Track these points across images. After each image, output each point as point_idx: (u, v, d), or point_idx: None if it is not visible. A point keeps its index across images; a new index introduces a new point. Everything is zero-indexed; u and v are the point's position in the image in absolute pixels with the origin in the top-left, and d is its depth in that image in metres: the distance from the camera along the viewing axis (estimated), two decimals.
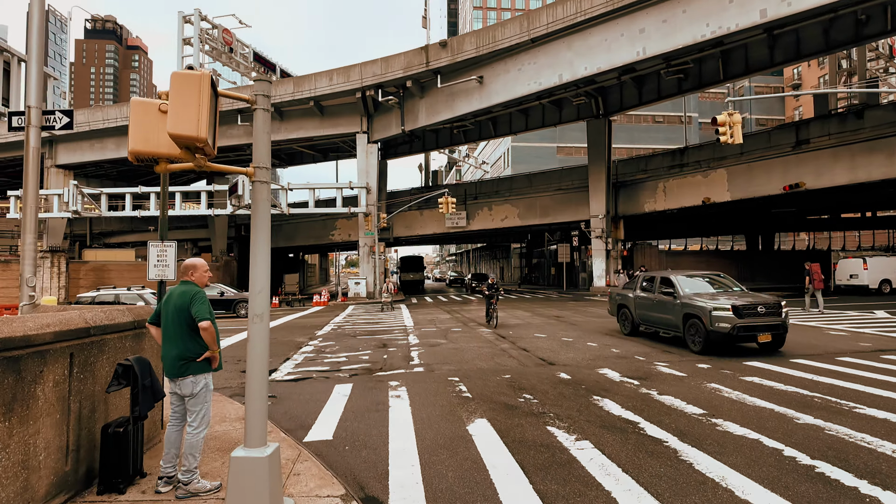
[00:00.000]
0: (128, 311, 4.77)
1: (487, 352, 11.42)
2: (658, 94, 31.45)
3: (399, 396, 7.56)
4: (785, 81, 70.35)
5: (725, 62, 28.37)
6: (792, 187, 27.74)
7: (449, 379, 8.69)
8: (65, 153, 36.56)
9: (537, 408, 6.73)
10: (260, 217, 3.52)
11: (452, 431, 5.85)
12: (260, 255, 3.50)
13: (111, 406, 4.39)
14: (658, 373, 8.77)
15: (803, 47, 25.98)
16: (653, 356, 10.39)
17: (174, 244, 5.81)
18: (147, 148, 3.32)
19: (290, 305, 31.14)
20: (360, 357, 11.16)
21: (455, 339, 13.73)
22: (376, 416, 6.60)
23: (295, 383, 8.72)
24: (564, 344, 12.22)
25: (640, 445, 5.22)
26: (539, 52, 26.23)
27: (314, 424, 6.33)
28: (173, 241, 5.89)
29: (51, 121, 6.70)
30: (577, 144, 62.64)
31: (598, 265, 33.21)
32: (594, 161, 33.85)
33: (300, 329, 17.12)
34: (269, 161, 3.55)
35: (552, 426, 5.93)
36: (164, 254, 5.82)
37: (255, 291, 3.47)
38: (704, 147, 32.27)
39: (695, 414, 6.28)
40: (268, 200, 3.54)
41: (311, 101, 31.97)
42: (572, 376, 8.63)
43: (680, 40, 22.49)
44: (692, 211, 34.82)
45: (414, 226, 40.18)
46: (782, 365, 9.14)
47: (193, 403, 3.93)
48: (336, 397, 7.63)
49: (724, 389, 7.45)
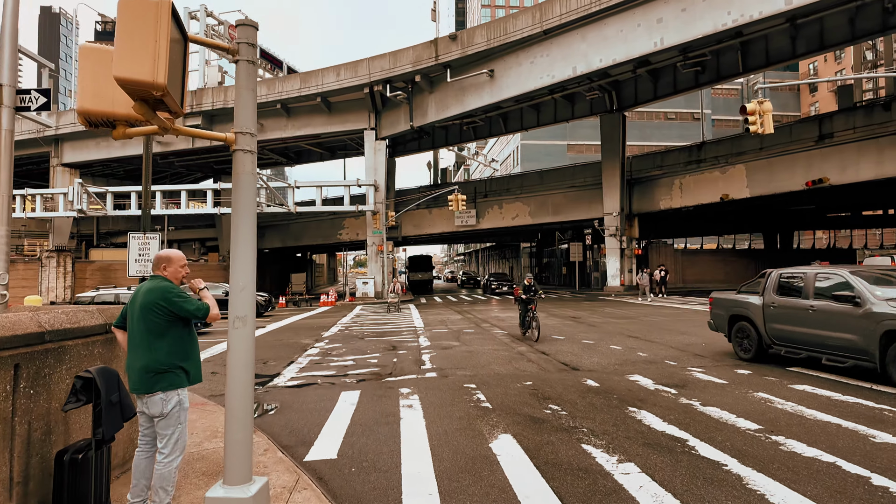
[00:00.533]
0: (98, 312, 4.08)
1: (504, 355, 10.68)
2: (674, 87, 30.54)
3: (411, 406, 6.84)
4: (800, 77, 68.87)
5: (745, 54, 27.42)
6: (815, 183, 26.73)
7: (465, 386, 7.96)
8: (70, 152, 36.26)
9: (567, 421, 5.97)
10: (243, 196, 2.80)
11: (474, 450, 5.12)
12: (243, 244, 2.79)
13: (73, 427, 3.70)
14: (695, 380, 7.98)
15: (827, 37, 24.98)
16: (684, 360, 9.59)
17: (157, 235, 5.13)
18: (100, 107, 2.61)
19: (296, 305, 30.58)
20: (369, 360, 10.46)
21: (468, 341, 12.99)
22: (386, 429, 5.88)
23: (298, 389, 8.03)
24: (586, 347, 11.45)
25: (694, 469, 4.46)
26: (552, 45, 25.42)
27: (317, 440, 5.62)
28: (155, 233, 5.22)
29: (26, 101, 6.03)
30: (588, 142, 61.65)
31: (613, 264, 32.34)
32: (608, 157, 32.97)
33: (306, 330, 16.47)
34: (254, 125, 2.83)
35: (588, 444, 5.18)
36: (146, 247, 5.12)
37: (236, 288, 2.76)
38: (722, 142, 31.32)
39: (749, 430, 5.49)
40: (253, 175, 2.82)
41: (318, 97, 31.37)
42: (601, 384, 7.87)
43: (699, 29, 21.61)
44: (708, 209, 33.86)
45: (422, 224, 39.49)
46: (829, 371, 8.32)
47: (164, 425, 3.23)
48: (342, 406, 6.93)
49: (776, 400, 6.66)
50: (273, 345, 13.19)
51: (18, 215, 33.56)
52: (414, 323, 17.77)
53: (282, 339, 14.40)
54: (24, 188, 34.12)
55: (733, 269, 41.97)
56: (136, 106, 2.33)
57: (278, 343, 13.50)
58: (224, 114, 33.67)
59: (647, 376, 8.29)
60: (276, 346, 12.86)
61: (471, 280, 55.94)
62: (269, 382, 8.65)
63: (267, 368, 9.93)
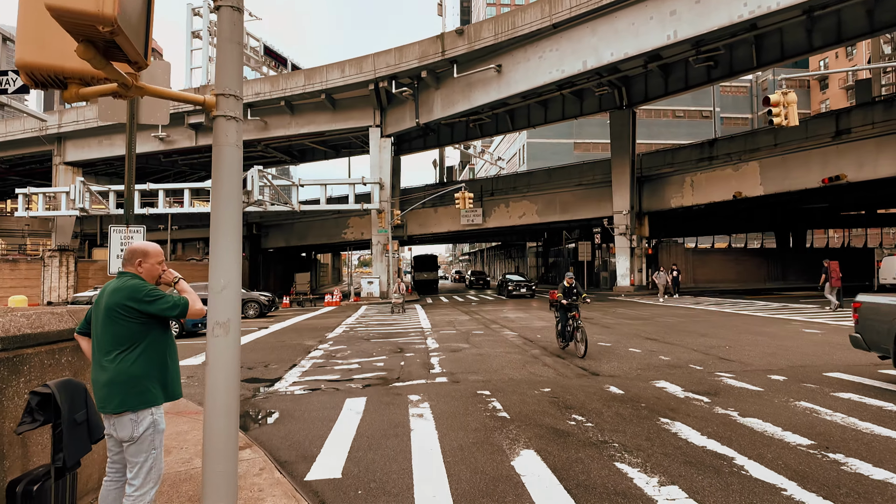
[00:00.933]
0: (68, 314, 3.56)
1: (517, 359, 10.12)
2: (685, 83, 29.85)
3: (422, 415, 6.30)
4: None
5: (759, 48, 26.71)
6: (832, 180, 26.01)
7: (478, 393, 7.41)
8: (73, 150, 35.94)
9: (595, 434, 5.42)
10: (225, 173, 2.27)
11: (494, 469, 4.57)
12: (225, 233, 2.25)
13: (34, 450, 3.18)
14: (727, 386, 7.39)
15: (844, 30, 24.25)
16: (710, 364, 9.01)
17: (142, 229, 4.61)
18: (46, 59, 2.09)
19: (301, 305, 30.11)
20: (375, 364, 9.93)
21: (478, 343, 12.44)
22: (395, 442, 5.34)
23: (300, 396, 7.50)
24: (603, 350, 10.87)
25: (750, 495, 3.89)
26: (562, 38, 24.81)
27: (319, 455, 5.09)
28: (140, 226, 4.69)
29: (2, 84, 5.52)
30: (595, 140, 60.97)
31: (622, 264, 31.69)
32: (617, 154, 32.33)
33: (310, 331, 15.96)
34: (239, 86, 2.30)
35: (622, 462, 4.62)
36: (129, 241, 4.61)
37: (216, 287, 2.23)
38: (735, 139, 30.60)
39: (801, 446, 4.92)
40: (238, 148, 2.28)
41: (322, 93, 30.88)
42: (625, 391, 7.30)
43: (714, 22, 20.94)
44: (720, 207, 33.17)
45: (428, 223, 38.95)
46: (872, 376, 7.73)
47: (135, 452, 2.69)
48: (347, 415, 6.39)
49: (821, 410, 6.07)
50: (275, 346, 12.69)
51: (21, 214, 33.26)
52: (421, 324, 17.24)
53: (284, 340, 13.90)
54: (26, 187, 33.79)
55: (745, 269, 41.20)
56: (80, 49, 1.79)
57: (280, 345, 12.99)
58: None
59: (673, 382, 7.72)
60: (279, 348, 12.35)
61: (480, 280, 51.37)
62: (271, 387, 8.13)
63: (268, 372, 9.42)
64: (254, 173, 25.93)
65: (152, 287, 2.71)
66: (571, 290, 10.49)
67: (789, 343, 11.17)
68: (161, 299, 2.66)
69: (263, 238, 43.40)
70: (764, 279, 40.93)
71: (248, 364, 10.27)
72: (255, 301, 22.33)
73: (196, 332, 15.61)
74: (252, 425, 6.20)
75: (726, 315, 17.67)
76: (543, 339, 12.65)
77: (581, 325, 10.14)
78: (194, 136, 33.95)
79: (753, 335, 12.50)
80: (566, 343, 10.77)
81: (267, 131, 33.62)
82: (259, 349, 12.30)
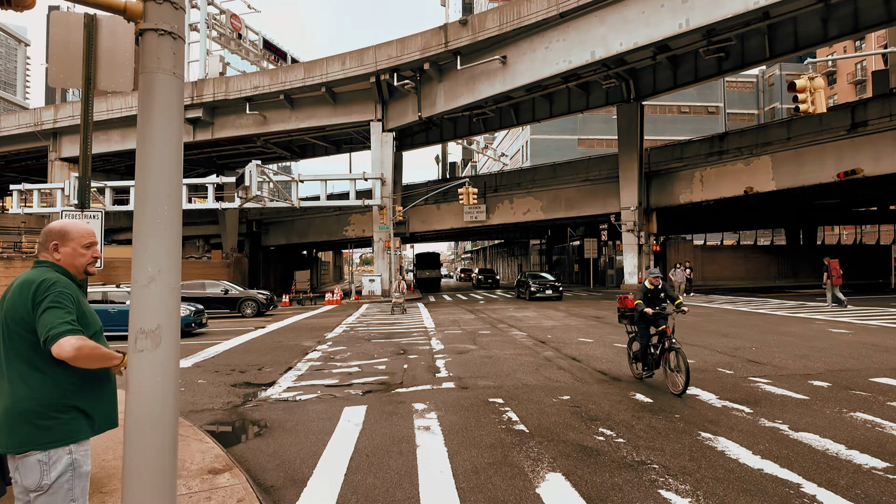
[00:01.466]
0: None
1: (529, 361, 9.40)
2: (695, 75, 29.05)
3: (429, 428, 5.59)
4: (818, 68, 66.86)
5: (772, 38, 25.91)
6: (847, 174, 25.17)
7: (490, 401, 6.70)
8: (69, 145, 35.29)
9: (629, 453, 4.70)
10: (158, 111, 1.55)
11: (517, 499, 3.85)
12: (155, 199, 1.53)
13: None
14: (766, 394, 6.66)
15: (862, 18, 23.46)
16: (740, 368, 8.28)
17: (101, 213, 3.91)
18: None
19: (300, 304, 29.44)
20: (376, 367, 9.22)
21: (486, 344, 11.72)
22: (399, 462, 4.63)
23: (294, 404, 6.80)
24: (620, 352, 10.14)
25: None
26: (569, 28, 24.03)
27: (311, 477, 4.38)
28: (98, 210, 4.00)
29: None
30: (600, 136, 60.16)
31: (630, 261, 30.92)
32: (625, 149, 31.53)
33: (308, 331, 15.26)
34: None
35: (668, 490, 3.90)
36: None
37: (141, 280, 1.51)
38: (746, 133, 29.78)
39: (876, 469, 4.19)
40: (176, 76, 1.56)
41: (322, 87, 30.14)
42: (653, 399, 6.58)
43: (728, 10, 20.14)
44: (729, 203, 32.31)
45: (430, 220, 38.20)
46: None
47: (45, 503, 1.98)
48: (345, 427, 5.69)
49: (886, 423, 5.34)
50: (271, 347, 11.99)
51: (16, 211, 32.64)
52: (424, 323, 16.53)
53: (281, 341, 13.20)
54: (22, 183, 33.15)
55: (755, 266, 40.38)
56: None
57: (277, 346, 12.30)
58: (226, 105, 32.55)
59: (705, 389, 6.99)
60: (275, 350, 11.65)
61: (489, 278, 46.35)
62: (263, 393, 7.44)
63: (261, 376, 8.72)
64: (252, 168, 25.20)
65: (64, 286, 1.96)
66: (658, 293, 7.39)
67: (820, 344, 10.44)
68: (53, 309, 1.88)
69: (263, 235, 42.71)
70: (774, 277, 40.12)
71: (240, 367, 9.58)
72: (252, 299, 21.63)
73: (190, 332, 14.85)
74: (237, 441, 5.50)
75: (743, 314, 16.93)
76: (555, 340, 11.93)
77: (677, 346, 6.83)
78: (192, 130, 33.24)
79: (779, 335, 11.77)
80: (650, 371, 7.41)
81: (266, 126, 32.91)
82: (253, 350, 11.61)
